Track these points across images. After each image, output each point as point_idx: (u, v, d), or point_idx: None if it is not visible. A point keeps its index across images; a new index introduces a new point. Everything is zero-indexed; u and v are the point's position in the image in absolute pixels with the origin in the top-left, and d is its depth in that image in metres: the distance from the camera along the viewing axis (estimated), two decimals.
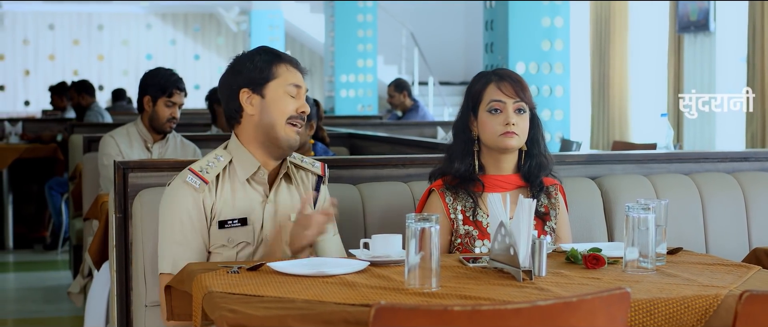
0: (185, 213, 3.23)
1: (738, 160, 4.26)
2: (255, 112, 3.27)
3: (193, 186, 3.22)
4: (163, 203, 3.29)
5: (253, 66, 3.27)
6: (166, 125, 5.40)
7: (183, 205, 3.23)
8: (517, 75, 3.47)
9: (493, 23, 6.96)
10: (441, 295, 2.54)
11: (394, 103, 10.80)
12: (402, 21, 16.12)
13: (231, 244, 3.26)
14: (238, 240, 3.27)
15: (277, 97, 3.26)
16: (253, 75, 3.26)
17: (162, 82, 5.38)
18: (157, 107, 5.38)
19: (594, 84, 12.64)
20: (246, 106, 3.27)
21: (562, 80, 6.90)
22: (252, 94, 3.26)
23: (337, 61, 11.99)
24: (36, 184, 9.54)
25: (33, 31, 19.48)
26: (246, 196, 3.29)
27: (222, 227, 3.25)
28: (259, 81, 3.26)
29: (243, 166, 3.29)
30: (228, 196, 3.27)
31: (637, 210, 2.87)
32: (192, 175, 3.24)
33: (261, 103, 3.26)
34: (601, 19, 12.50)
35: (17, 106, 19.10)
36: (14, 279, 8.48)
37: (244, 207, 3.29)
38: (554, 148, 6.82)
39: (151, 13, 19.85)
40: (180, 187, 3.24)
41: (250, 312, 2.35)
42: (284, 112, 3.26)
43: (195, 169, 3.25)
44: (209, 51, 20.22)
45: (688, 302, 2.54)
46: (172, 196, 3.25)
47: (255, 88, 3.26)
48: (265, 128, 3.26)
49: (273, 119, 3.25)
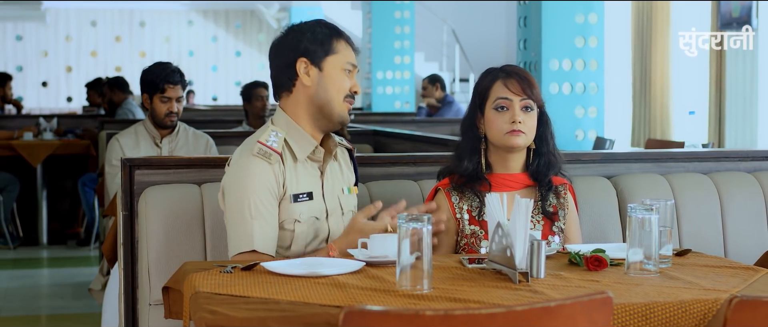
0: (263, 186, 3.14)
1: (759, 159, 4.15)
2: (311, 84, 3.22)
3: (267, 158, 3.15)
4: (234, 179, 3.18)
5: (313, 37, 3.22)
6: (166, 120, 5.39)
7: (260, 177, 3.14)
8: (525, 72, 3.38)
9: (527, 20, 6.89)
10: (431, 297, 2.47)
11: (427, 95, 10.78)
12: (443, 18, 16.04)
13: (303, 218, 3.21)
14: (310, 213, 3.22)
15: (335, 72, 3.23)
16: (314, 46, 3.22)
17: (153, 79, 5.36)
18: (153, 104, 5.38)
19: (635, 82, 12.50)
20: (302, 76, 3.22)
21: (596, 77, 6.80)
22: (310, 65, 3.22)
23: (374, 57, 11.93)
24: (70, 180, 9.57)
25: (75, 28, 19.61)
26: (306, 171, 3.25)
27: (296, 201, 3.20)
28: (319, 53, 3.22)
29: (300, 145, 3.23)
30: (291, 170, 3.22)
31: (640, 211, 2.79)
32: (263, 146, 3.16)
33: (318, 76, 3.22)
34: (642, 16, 12.35)
35: (60, 103, 19.26)
36: (47, 275, 8.52)
37: (307, 182, 3.24)
38: (588, 146, 6.73)
39: (193, 9, 19.91)
40: (252, 161, 3.15)
41: (229, 313, 2.30)
42: (341, 88, 3.23)
43: (263, 140, 3.17)
44: (250, 47, 20.25)
45: (686, 306, 2.45)
46: (245, 170, 3.15)
47: (314, 59, 3.22)
48: (320, 102, 3.22)
49: (330, 95, 3.22)
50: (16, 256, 9.01)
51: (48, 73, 19.51)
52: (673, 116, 11.96)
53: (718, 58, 10.60)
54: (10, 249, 9.18)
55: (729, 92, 10.36)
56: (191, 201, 3.56)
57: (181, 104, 5.41)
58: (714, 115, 10.60)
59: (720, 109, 10.52)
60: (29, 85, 19.27)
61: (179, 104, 5.39)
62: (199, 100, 18.73)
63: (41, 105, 18.67)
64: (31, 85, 19.33)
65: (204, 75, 19.98)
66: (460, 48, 15.66)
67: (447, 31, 16.19)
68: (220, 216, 3.38)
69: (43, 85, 19.47)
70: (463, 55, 15.60)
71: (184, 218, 3.54)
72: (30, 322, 6.65)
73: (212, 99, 19.71)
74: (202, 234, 3.54)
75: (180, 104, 5.40)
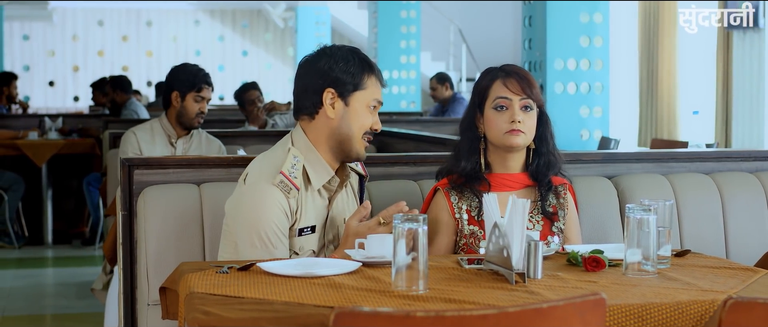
0: (275, 220, 3.11)
1: (761, 160, 4.13)
2: (335, 117, 3.18)
3: (286, 192, 3.11)
4: (244, 204, 3.14)
5: (346, 68, 3.17)
6: (195, 120, 5.38)
7: (274, 211, 3.10)
8: (525, 71, 3.36)
9: (532, 19, 6.88)
10: (426, 298, 2.46)
11: (436, 95, 10.82)
12: (450, 17, 16.02)
13: (302, 252, 3.19)
14: (309, 246, 3.21)
15: (361, 109, 3.19)
16: (344, 78, 3.16)
17: (191, 78, 5.37)
18: (185, 103, 5.35)
19: (642, 82, 12.47)
20: (327, 107, 3.17)
21: (602, 77, 6.79)
22: (337, 98, 3.17)
23: (380, 57, 11.92)
24: (75, 180, 9.57)
25: (82, 28, 19.63)
26: (315, 201, 3.23)
27: (300, 235, 3.18)
28: (348, 87, 3.17)
29: (317, 172, 3.20)
30: (304, 201, 3.19)
31: (637, 211, 2.77)
32: (284, 179, 3.11)
33: (343, 110, 3.18)
34: (649, 16, 12.32)
35: (67, 102, 19.28)
36: (52, 274, 8.52)
37: (314, 213, 3.22)
38: (593, 146, 6.72)
39: (200, 9, 19.92)
40: (270, 192, 3.11)
41: (222, 314, 2.29)
42: (363, 125, 3.20)
43: (285, 172, 3.12)
44: (257, 47, 20.25)
45: (683, 308, 2.43)
46: (260, 200, 3.11)
47: (343, 92, 3.17)
48: (341, 136, 3.19)
49: (351, 131, 3.18)
50: (21, 255, 9.01)
51: (55, 72, 19.53)
52: (680, 116, 11.93)
53: (726, 57, 10.56)
54: (15, 248, 9.18)
55: (736, 92, 10.33)
56: (190, 201, 3.55)
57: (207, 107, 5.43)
58: (721, 115, 10.57)
59: (727, 109, 10.49)
60: (36, 84, 19.29)
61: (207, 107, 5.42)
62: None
63: (48, 104, 18.69)
64: (38, 85, 19.35)
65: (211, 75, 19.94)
66: (467, 48, 15.64)
67: (454, 30, 16.16)
68: (219, 216, 3.37)
69: (49, 85, 19.49)
70: (470, 54, 15.58)
71: (183, 218, 3.53)
72: (34, 322, 6.65)
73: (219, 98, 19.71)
74: (200, 234, 3.53)
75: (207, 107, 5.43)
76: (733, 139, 10.33)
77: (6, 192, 9.06)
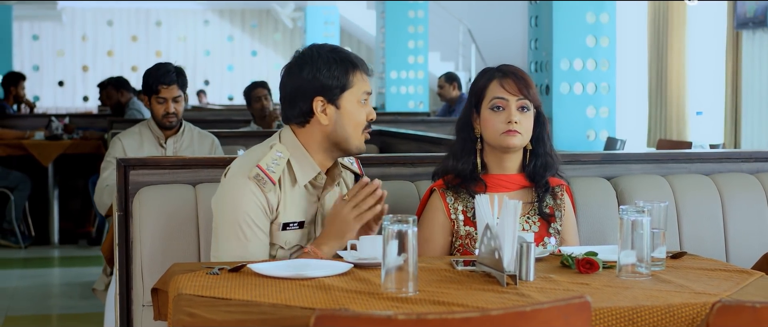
0: (249, 211, 3.09)
1: (761, 161, 4.09)
2: (328, 122, 3.15)
3: (261, 185, 3.10)
4: (223, 197, 3.14)
5: (329, 74, 3.14)
6: (164, 121, 5.33)
7: (248, 203, 3.09)
8: (522, 71, 3.33)
9: (538, 19, 6.85)
10: (415, 300, 2.44)
11: (443, 94, 10.83)
12: (459, 17, 16.00)
13: (287, 247, 3.18)
14: (293, 242, 3.19)
15: (352, 107, 3.16)
16: (330, 83, 3.13)
17: (149, 81, 5.32)
18: (152, 106, 5.33)
19: (651, 82, 12.42)
20: (319, 115, 3.15)
21: (608, 77, 6.75)
22: (327, 104, 3.15)
23: (387, 57, 11.90)
24: (82, 180, 9.58)
25: (92, 28, 19.67)
26: (301, 197, 3.21)
27: (284, 229, 3.16)
28: (336, 91, 3.14)
29: (303, 169, 3.18)
30: (288, 196, 3.17)
31: (631, 213, 2.74)
32: (260, 172, 3.10)
33: (336, 114, 3.15)
34: (658, 16, 12.27)
35: (76, 102, 19.32)
36: (58, 274, 8.52)
37: (300, 208, 3.20)
38: (599, 147, 6.69)
39: (209, 9, 19.94)
40: (245, 184, 3.10)
41: (207, 316, 2.27)
42: (358, 123, 3.18)
43: (263, 166, 3.11)
44: (266, 47, 20.26)
45: (674, 310, 2.41)
46: (239, 191, 3.11)
47: (331, 97, 3.14)
48: (337, 138, 3.17)
49: (348, 132, 3.16)
50: (27, 255, 9.01)
51: (64, 72, 19.57)
52: (688, 117, 11.88)
53: (734, 58, 10.51)
54: (21, 248, 9.19)
55: (745, 92, 10.28)
56: (185, 201, 3.54)
57: (179, 104, 5.33)
58: (730, 116, 10.52)
59: (736, 110, 10.44)
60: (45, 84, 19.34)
61: (177, 104, 5.31)
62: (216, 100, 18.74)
63: (57, 104, 18.74)
64: (48, 85, 19.40)
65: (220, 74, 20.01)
66: (476, 48, 15.61)
67: (463, 30, 16.14)
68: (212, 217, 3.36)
69: (59, 85, 19.53)
70: (479, 54, 15.55)
71: (178, 219, 3.51)
72: (39, 322, 6.65)
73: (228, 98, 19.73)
74: (195, 234, 3.52)
75: (178, 104, 5.33)
76: (742, 139, 10.28)
77: (12, 192, 9.07)
